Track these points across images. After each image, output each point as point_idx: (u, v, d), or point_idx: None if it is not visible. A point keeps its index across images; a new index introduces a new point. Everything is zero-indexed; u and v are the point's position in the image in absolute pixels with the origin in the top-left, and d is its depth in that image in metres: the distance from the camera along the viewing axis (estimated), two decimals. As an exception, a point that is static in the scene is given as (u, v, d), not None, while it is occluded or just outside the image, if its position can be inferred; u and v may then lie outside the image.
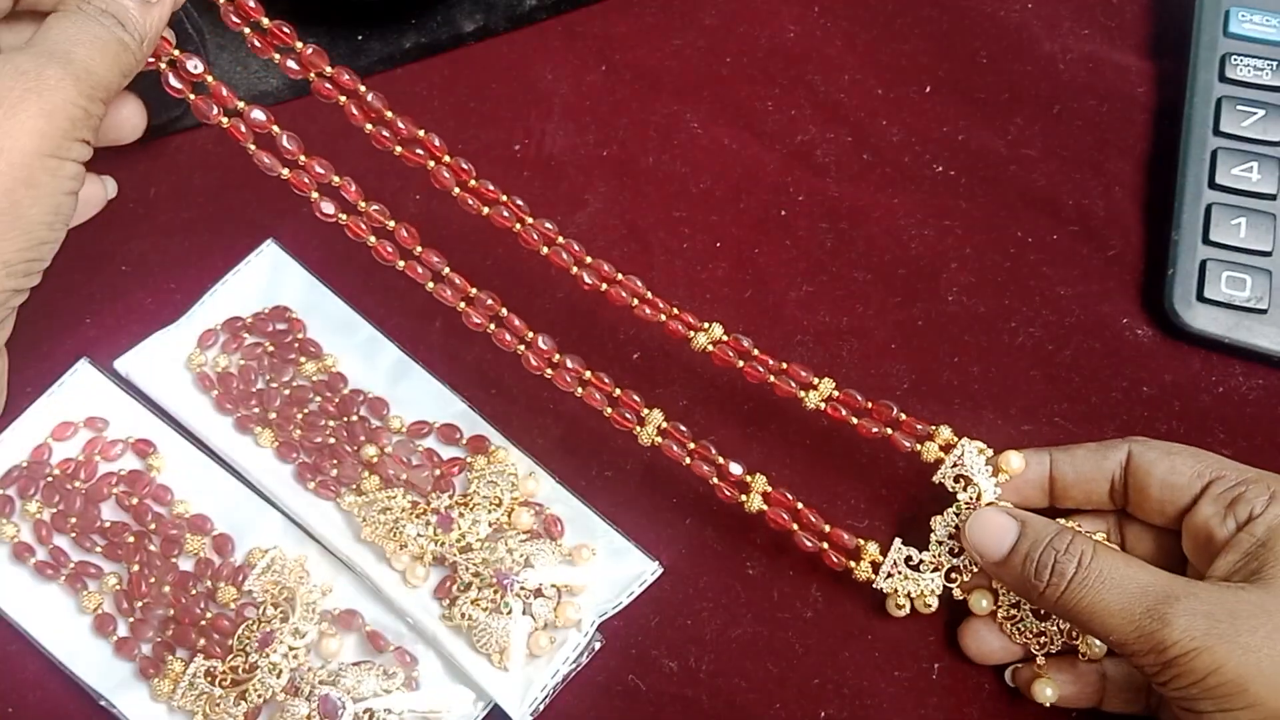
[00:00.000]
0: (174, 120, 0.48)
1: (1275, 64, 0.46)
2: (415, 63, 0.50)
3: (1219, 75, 0.46)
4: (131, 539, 0.41)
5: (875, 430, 0.38)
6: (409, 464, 0.42)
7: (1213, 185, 0.45)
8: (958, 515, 0.38)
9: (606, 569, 0.41)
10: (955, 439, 0.38)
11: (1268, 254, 0.44)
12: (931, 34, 0.50)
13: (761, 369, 0.39)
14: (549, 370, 0.39)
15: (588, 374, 0.39)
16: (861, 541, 0.38)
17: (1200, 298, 0.43)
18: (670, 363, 0.44)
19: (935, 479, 0.38)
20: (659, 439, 0.39)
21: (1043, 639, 0.38)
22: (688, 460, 0.38)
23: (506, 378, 0.44)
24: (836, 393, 0.38)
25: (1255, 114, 0.45)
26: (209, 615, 0.39)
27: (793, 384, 0.39)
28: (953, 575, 0.39)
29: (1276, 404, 0.43)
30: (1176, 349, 0.44)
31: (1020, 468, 0.38)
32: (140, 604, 0.40)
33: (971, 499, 0.38)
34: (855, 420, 0.38)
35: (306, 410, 0.42)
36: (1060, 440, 0.42)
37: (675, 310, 0.39)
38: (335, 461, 0.42)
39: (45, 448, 0.42)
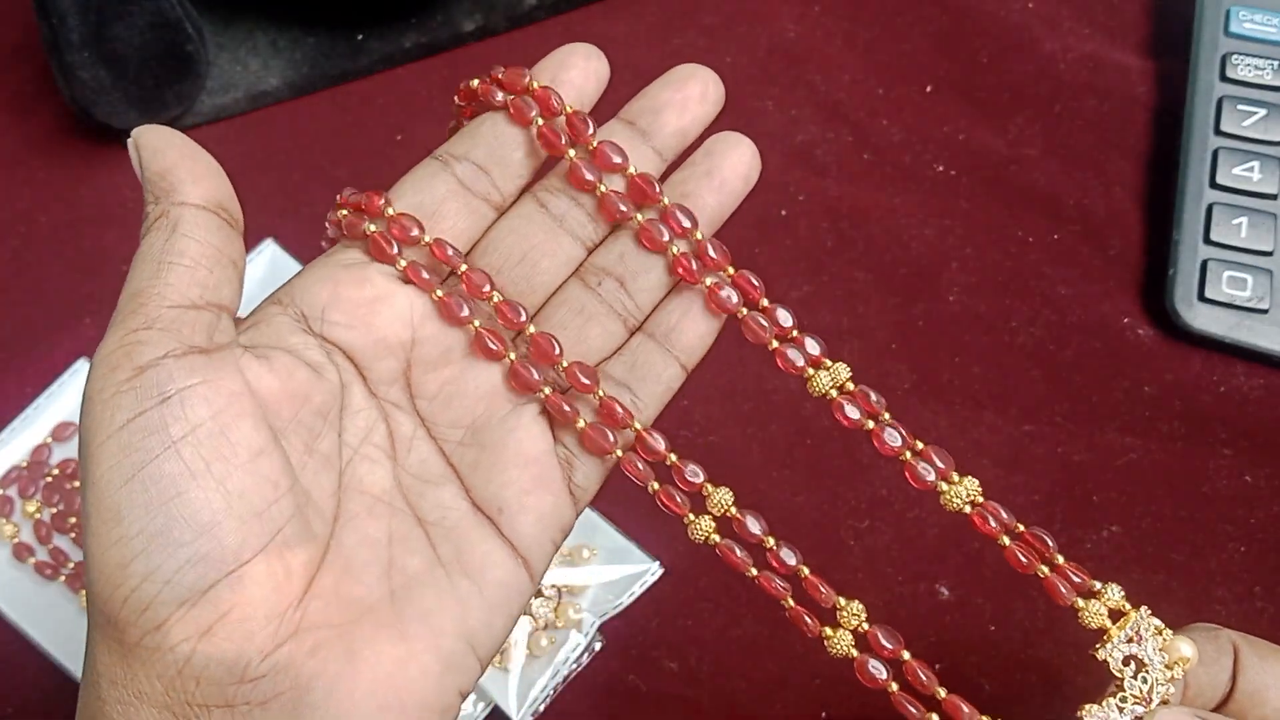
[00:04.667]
0: (173, 121, 0.48)
1: (1276, 64, 0.46)
2: (415, 63, 0.50)
3: (1220, 75, 0.46)
4: (131, 539, 0.41)
5: (1025, 561, 0.29)
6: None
7: (1214, 185, 0.44)
8: (1120, 710, 0.28)
9: (607, 569, 0.41)
10: (1126, 606, 0.29)
11: (1269, 254, 0.44)
12: (931, 34, 0.50)
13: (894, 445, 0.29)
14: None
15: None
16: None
17: (1201, 297, 0.43)
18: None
19: (1098, 655, 0.29)
20: (716, 537, 0.29)
21: None
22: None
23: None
24: (980, 497, 0.28)
25: (1256, 114, 0.45)
26: (209, 615, 0.39)
27: (927, 469, 0.29)
28: None
29: (1278, 404, 0.43)
30: (1177, 349, 0.44)
31: (1192, 658, 0.28)
32: (140, 604, 0.40)
33: (1141, 694, 0.28)
34: (1006, 541, 0.29)
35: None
36: (1062, 440, 0.42)
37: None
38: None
39: (45, 448, 0.42)
